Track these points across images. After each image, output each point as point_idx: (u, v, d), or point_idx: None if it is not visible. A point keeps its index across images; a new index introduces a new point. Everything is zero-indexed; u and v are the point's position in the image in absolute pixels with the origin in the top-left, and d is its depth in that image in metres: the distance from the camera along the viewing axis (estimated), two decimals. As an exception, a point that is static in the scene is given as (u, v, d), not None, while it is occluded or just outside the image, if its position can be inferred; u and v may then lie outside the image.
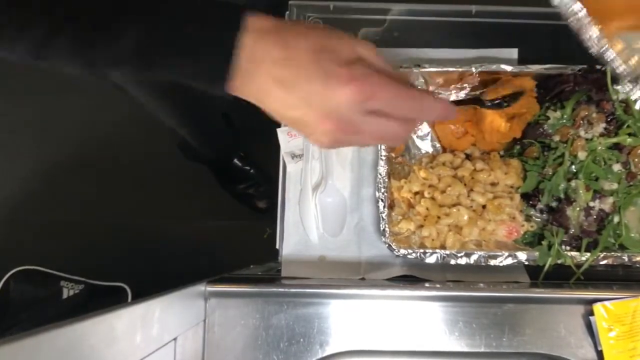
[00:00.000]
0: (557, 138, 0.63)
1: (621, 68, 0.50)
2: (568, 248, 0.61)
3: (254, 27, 0.35)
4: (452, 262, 0.61)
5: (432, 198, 0.63)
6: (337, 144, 0.39)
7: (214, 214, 1.35)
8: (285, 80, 0.35)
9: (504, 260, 0.60)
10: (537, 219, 0.64)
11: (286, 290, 0.56)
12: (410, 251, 0.60)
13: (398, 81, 0.37)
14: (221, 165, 1.33)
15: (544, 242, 0.61)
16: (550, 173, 0.62)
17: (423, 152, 0.68)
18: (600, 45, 0.50)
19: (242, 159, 1.32)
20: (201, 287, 0.55)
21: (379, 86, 0.36)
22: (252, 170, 1.33)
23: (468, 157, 0.66)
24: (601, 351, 0.54)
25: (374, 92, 0.35)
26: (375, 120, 0.37)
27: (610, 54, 0.50)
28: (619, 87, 0.63)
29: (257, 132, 1.30)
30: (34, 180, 1.37)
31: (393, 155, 0.67)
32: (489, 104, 0.60)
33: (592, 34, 0.49)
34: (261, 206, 1.34)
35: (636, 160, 0.61)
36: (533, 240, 0.63)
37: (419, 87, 0.40)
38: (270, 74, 0.35)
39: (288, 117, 0.37)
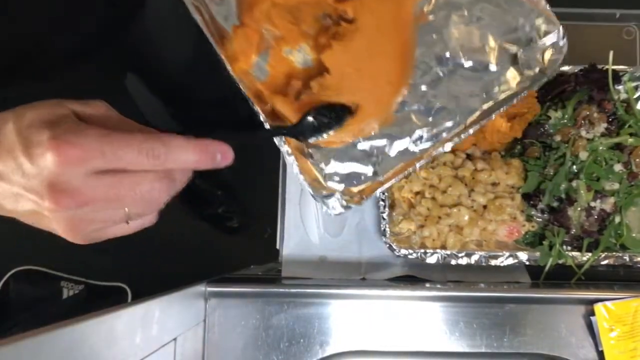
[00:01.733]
0: (558, 138, 0.63)
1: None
2: (569, 248, 0.61)
3: None
4: (453, 262, 0.60)
5: (433, 198, 0.63)
6: (85, 229, 0.33)
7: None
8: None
9: (504, 260, 0.60)
10: (538, 219, 0.63)
11: (286, 290, 0.56)
12: (411, 251, 0.60)
13: (141, 132, 0.32)
14: (186, 188, 1.31)
15: (545, 242, 0.61)
16: (552, 173, 0.62)
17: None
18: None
19: (207, 180, 1.27)
20: (201, 287, 0.54)
21: (93, 139, 0.29)
22: (219, 192, 1.29)
23: (469, 157, 0.66)
24: (602, 351, 0.54)
25: (88, 147, 0.29)
26: (108, 180, 0.30)
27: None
28: (620, 87, 0.63)
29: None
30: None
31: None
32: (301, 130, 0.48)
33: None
34: (232, 225, 1.32)
35: (637, 160, 0.61)
36: (534, 241, 0.63)
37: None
38: None
39: (20, 213, 0.33)
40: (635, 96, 0.64)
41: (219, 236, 1.33)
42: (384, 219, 0.61)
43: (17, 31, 0.45)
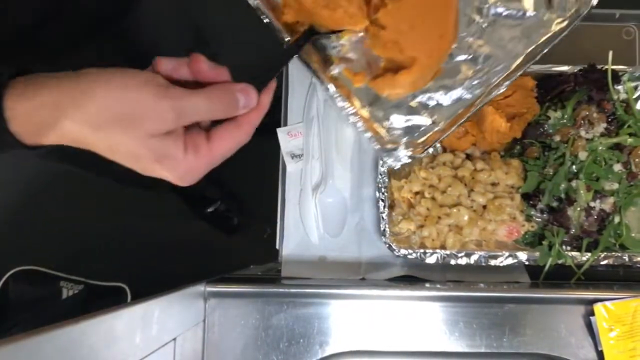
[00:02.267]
0: (557, 138, 0.63)
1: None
2: (569, 248, 0.61)
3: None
4: (453, 262, 0.60)
5: (433, 198, 0.63)
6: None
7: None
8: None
9: (504, 260, 0.60)
10: (537, 219, 0.64)
11: (286, 290, 0.56)
12: (410, 251, 0.60)
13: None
14: (185, 187, 1.31)
15: (545, 242, 0.61)
16: (551, 173, 0.62)
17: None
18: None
19: (207, 179, 1.30)
20: (201, 287, 0.54)
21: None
22: (218, 190, 1.31)
23: (468, 157, 0.66)
24: (602, 351, 0.54)
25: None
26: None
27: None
28: (619, 87, 0.63)
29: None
30: (35, 181, 1.37)
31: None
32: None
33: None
34: (232, 224, 1.33)
35: (637, 160, 0.61)
36: (534, 241, 0.63)
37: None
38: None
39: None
40: (634, 96, 0.64)
41: (218, 236, 1.33)
42: (383, 219, 0.61)
43: (19, 12, 0.46)
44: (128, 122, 0.31)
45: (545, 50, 0.56)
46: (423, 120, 0.56)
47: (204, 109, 0.34)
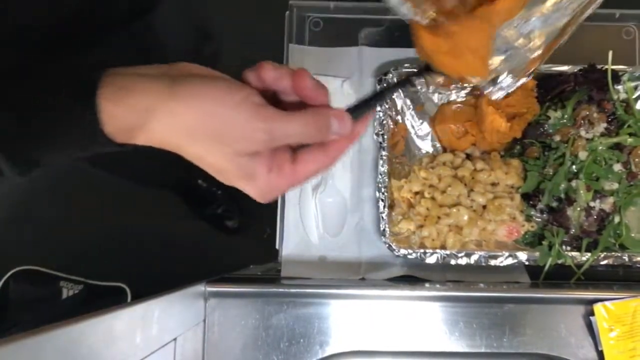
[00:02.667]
0: (557, 138, 0.63)
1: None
2: (568, 248, 0.61)
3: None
4: (453, 262, 0.60)
5: (432, 198, 0.63)
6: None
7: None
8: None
9: (504, 260, 0.60)
10: (537, 219, 0.64)
11: (286, 290, 0.56)
12: (410, 251, 0.60)
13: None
14: (186, 188, 1.31)
15: (545, 242, 0.61)
16: (551, 173, 0.62)
17: (423, 152, 0.68)
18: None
19: (207, 180, 1.30)
20: (201, 287, 0.54)
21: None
22: (219, 191, 1.31)
23: (468, 157, 0.66)
24: (602, 351, 0.54)
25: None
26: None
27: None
28: (619, 87, 0.63)
29: None
30: (34, 181, 1.37)
31: (394, 154, 0.67)
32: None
33: None
34: (231, 226, 1.33)
35: (637, 160, 0.61)
36: (533, 241, 0.63)
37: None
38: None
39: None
40: (634, 96, 0.64)
41: (219, 236, 1.33)
42: (383, 219, 0.61)
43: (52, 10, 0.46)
44: (219, 138, 0.31)
45: None
46: (521, 47, 0.55)
47: (297, 134, 0.33)
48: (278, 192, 0.36)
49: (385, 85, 0.46)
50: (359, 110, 0.37)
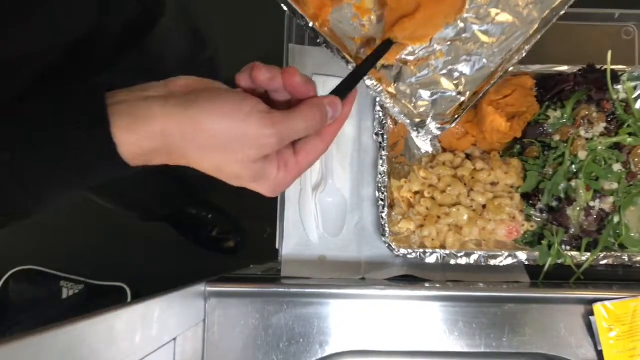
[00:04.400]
0: (557, 137, 0.63)
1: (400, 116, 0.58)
2: (568, 248, 0.61)
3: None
4: (452, 262, 0.60)
5: (432, 198, 0.63)
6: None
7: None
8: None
9: (504, 260, 0.60)
10: (537, 219, 0.64)
11: (286, 290, 0.56)
12: (410, 251, 0.60)
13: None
14: (176, 217, 1.31)
15: (544, 242, 0.61)
16: (551, 173, 0.62)
17: (423, 152, 0.68)
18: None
19: (196, 206, 1.31)
20: (201, 287, 0.55)
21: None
22: (209, 215, 1.31)
23: (468, 156, 0.66)
24: (601, 351, 0.54)
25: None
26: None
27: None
28: (619, 87, 0.63)
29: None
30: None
31: (394, 154, 0.67)
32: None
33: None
34: (229, 246, 1.32)
35: (636, 160, 0.61)
36: (533, 240, 0.63)
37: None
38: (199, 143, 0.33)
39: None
40: (634, 96, 0.64)
41: (217, 258, 1.32)
42: (383, 218, 0.61)
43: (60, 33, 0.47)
44: (234, 149, 0.33)
45: (561, 13, 0.57)
46: (448, 92, 0.58)
47: (302, 129, 0.36)
48: (285, 186, 0.38)
49: (359, 64, 0.48)
50: (343, 91, 0.39)
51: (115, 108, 0.31)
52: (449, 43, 0.58)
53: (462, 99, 0.58)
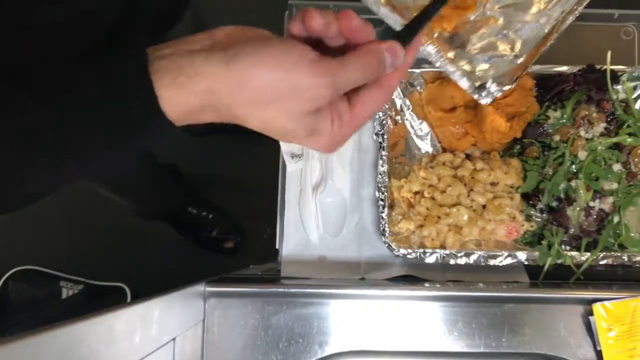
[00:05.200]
0: (557, 138, 0.63)
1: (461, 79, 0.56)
2: (568, 248, 0.61)
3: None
4: (452, 262, 0.61)
5: (432, 198, 0.63)
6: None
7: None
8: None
9: (503, 260, 0.60)
10: (537, 219, 0.64)
11: (286, 290, 0.56)
12: (410, 251, 0.60)
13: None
14: (177, 217, 1.31)
15: (544, 242, 0.61)
16: (551, 173, 0.62)
17: (423, 152, 0.68)
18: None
19: (197, 206, 1.30)
20: (200, 287, 0.55)
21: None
22: (210, 215, 1.30)
23: (468, 156, 0.66)
24: (600, 351, 0.54)
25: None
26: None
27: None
28: (618, 87, 0.63)
29: (209, 176, 1.30)
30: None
31: (394, 154, 0.67)
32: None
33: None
34: (229, 246, 1.32)
35: (636, 160, 0.61)
36: (533, 240, 0.63)
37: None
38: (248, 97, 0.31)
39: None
40: (633, 96, 0.64)
41: (217, 258, 1.32)
42: (383, 218, 0.61)
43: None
44: (284, 102, 0.31)
45: None
46: (505, 55, 0.58)
47: (357, 78, 0.33)
48: (342, 141, 0.36)
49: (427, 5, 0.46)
50: (404, 36, 0.36)
51: (158, 64, 0.30)
52: (501, 8, 0.58)
53: (520, 60, 0.57)
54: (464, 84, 0.56)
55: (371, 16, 0.64)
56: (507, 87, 0.56)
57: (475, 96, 0.56)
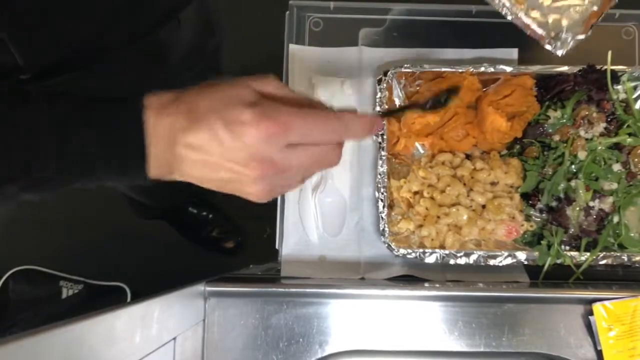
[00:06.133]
0: (557, 137, 0.63)
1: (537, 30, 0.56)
2: (567, 248, 0.61)
3: (152, 107, 0.35)
4: (452, 261, 0.61)
5: (432, 198, 0.63)
6: (274, 191, 0.38)
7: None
8: (196, 143, 0.34)
9: (503, 260, 0.60)
10: (536, 219, 0.64)
11: (286, 290, 0.56)
12: (409, 251, 0.60)
13: (310, 107, 0.37)
14: (177, 216, 1.31)
15: (544, 242, 0.61)
16: (550, 173, 0.62)
17: (422, 151, 0.68)
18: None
19: (197, 205, 1.31)
20: (200, 287, 0.55)
21: (288, 117, 0.34)
22: (210, 215, 1.31)
23: (468, 156, 0.66)
24: (601, 351, 0.54)
25: (285, 124, 0.34)
26: (300, 152, 0.36)
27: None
28: (619, 87, 0.63)
29: None
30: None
31: (394, 153, 0.67)
32: (426, 105, 0.49)
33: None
34: (229, 246, 1.32)
35: (636, 160, 0.61)
36: (532, 240, 0.63)
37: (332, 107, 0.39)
38: (181, 143, 0.34)
39: (215, 180, 0.37)
40: (633, 96, 0.64)
41: (217, 258, 1.32)
42: (382, 218, 0.61)
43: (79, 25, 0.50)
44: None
45: None
46: (578, 4, 0.57)
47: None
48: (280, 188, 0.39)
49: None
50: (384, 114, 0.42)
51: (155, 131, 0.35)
52: None
53: (595, 8, 0.57)
54: (541, 33, 0.56)
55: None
56: (581, 37, 0.55)
57: (551, 47, 0.56)
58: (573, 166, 0.61)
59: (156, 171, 0.36)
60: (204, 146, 0.34)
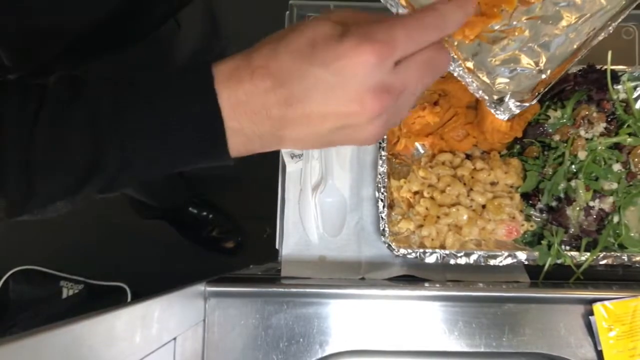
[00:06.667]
0: (557, 137, 0.63)
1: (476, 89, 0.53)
2: (568, 248, 0.61)
3: (223, 76, 0.31)
4: (452, 261, 0.61)
5: (432, 198, 0.63)
6: (388, 126, 0.33)
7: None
8: (292, 96, 0.30)
9: (503, 260, 0.60)
10: (537, 219, 0.64)
11: (286, 290, 0.56)
12: (409, 251, 0.60)
13: (395, 19, 0.32)
14: (177, 216, 1.31)
15: (544, 242, 0.61)
16: (550, 172, 0.62)
17: (422, 151, 0.68)
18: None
19: (197, 205, 1.31)
20: (201, 287, 0.55)
21: (385, 32, 0.30)
22: (210, 215, 1.31)
23: (468, 156, 0.66)
24: (601, 351, 0.54)
25: (387, 41, 0.29)
26: (410, 65, 0.31)
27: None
28: (619, 87, 0.63)
29: (209, 176, 1.30)
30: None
31: (394, 153, 0.67)
32: None
33: None
34: (229, 246, 1.32)
35: (636, 160, 0.61)
36: (533, 240, 0.63)
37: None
38: (273, 105, 0.30)
39: (324, 135, 0.32)
40: (634, 96, 0.64)
41: (217, 258, 1.32)
42: (382, 218, 0.61)
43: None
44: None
45: None
46: (528, 69, 0.54)
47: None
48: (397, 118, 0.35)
49: None
50: None
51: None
52: (529, 20, 0.54)
53: (543, 76, 0.54)
54: (482, 96, 0.54)
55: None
56: (527, 104, 0.53)
57: (493, 110, 0.53)
58: (573, 166, 0.61)
59: (241, 148, 0.32)
60: (304, 98, 0.30)
